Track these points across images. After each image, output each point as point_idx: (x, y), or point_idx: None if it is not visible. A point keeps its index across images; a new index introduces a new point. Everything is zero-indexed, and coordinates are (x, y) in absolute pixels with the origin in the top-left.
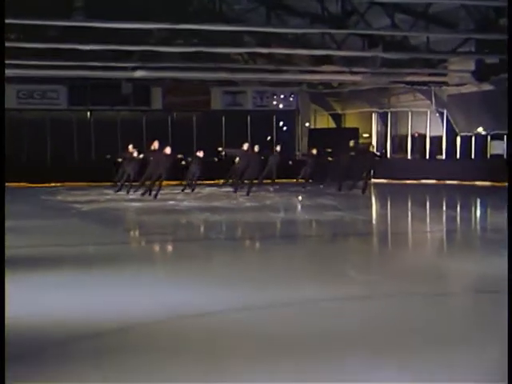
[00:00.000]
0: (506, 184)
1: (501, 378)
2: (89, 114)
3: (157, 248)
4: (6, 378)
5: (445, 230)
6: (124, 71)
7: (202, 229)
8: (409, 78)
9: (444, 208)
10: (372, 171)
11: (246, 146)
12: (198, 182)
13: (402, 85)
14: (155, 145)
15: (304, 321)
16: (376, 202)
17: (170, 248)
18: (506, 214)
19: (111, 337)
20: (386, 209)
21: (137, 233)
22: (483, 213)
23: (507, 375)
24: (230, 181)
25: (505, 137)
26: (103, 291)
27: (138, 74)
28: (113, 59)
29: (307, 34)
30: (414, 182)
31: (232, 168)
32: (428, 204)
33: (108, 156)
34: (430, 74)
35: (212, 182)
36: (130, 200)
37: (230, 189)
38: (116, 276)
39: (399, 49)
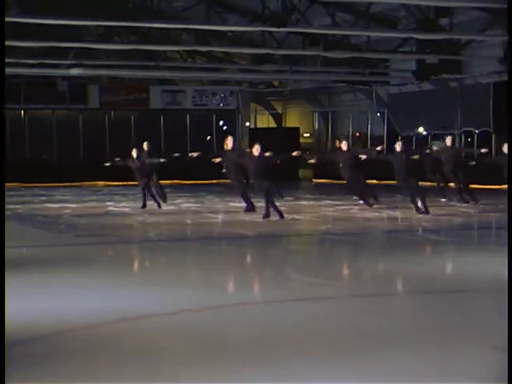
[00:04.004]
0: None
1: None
2: (23, 112)
3: (93, 250)
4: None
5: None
6: (59, 69)
7: (139, 231)
8: (350, 78)
9: None
10: None
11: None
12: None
13: (343, 84)
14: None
15: (239, 322)
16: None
17: (105, 250)
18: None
19: (47, 341)
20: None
21: (72, 235)
22: None
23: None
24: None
25: (447, 137)
26: (39, 294)
27: (74, 71)
28: (48, 56)
29: (247, 32)
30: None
31: None
32: None
33: (44, 156)
34: (371, 74)
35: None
36: (65, 201)
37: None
38: (51, 279)
39: (340, 48)
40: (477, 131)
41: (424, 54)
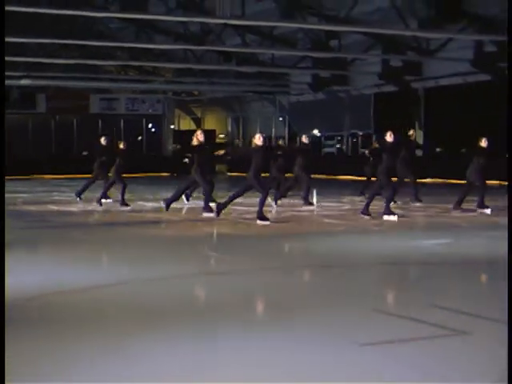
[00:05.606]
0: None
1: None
2: None
3: (40, 233)
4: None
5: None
6: (12, 79)
7: (79, 217)
8: (257, 88)
9: None
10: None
11: None
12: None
13: (252, 94)
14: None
15: (170, 293)
16: None
17: (50, 233)
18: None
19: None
20: None
21: (23, 221)
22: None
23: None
24: None
25: (335, 138)
26: None
27: (24, 82)
28: None
29: (172, 49)
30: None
31: None
32: None
33: None
34: (274, 85)
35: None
36: (18, 191)
37: None
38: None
39: (249, 63)
40: (361, 133)
41: (318, 69)
